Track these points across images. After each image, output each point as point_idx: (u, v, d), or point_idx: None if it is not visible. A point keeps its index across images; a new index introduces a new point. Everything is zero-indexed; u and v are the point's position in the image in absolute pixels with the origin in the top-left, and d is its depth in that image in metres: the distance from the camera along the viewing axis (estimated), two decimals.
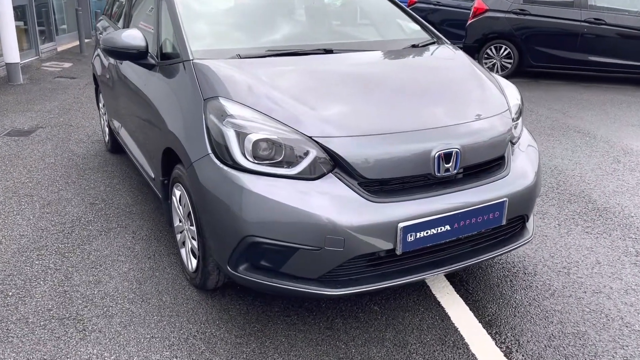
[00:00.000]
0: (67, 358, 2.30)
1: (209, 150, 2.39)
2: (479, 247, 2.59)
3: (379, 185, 2.33)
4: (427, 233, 2.32)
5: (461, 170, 2.50)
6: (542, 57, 9.01)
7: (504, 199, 2.48)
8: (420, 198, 2.33)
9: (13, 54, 8.31)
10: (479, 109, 2.66)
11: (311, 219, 2.18)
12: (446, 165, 2.38)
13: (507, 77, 9.52)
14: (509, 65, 9.25)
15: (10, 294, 2.76)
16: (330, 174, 2.28)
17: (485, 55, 9.42)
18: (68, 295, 2.74)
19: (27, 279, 2.89)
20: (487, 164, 2.57)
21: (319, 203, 2.21)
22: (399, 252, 2.29)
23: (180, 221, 2.88)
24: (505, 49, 9.22)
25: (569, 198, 4.11)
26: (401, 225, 2.24)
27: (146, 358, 2.31)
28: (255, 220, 2.24)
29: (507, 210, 2.51)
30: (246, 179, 2.26)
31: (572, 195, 4.18)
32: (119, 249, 3.23)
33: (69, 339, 2.42)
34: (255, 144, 2.29)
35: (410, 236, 2.29)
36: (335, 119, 2.36)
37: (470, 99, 2.74)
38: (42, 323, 2.53)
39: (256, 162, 2.28)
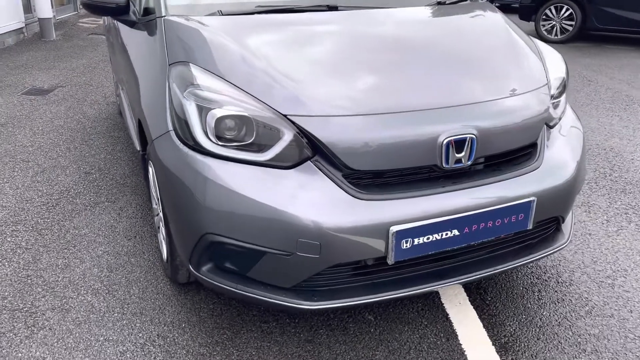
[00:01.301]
0: (5, 359, 2.03)
1: (170, 127, 2.00)
2: (497, 255, 2.11)
3: (369, 178, 1.88)
4: (427, 239, 1.87)
5: (481, 160, 2.01)
6: (609, 19, 8.05)
7: (531, 198, 1.98)
8: (421, 195, 1.87)
9: (45, 9, 8.13)
10: (508, 83, 2.14)
11: (280, 217, 1.77)
12: (457, 155, 1.90)
13: (567, 41, 8.62)
14: (570, 28, 8.36)
15: None
16: (309, 162, 1.85)
17: (544, 17, 8.54)
18: (29, 281, 2.47)
19: None
20: (512, 153, 2.06)
21: (290, 198, 1.79)
22: (390, 261, 1.86)
23: (155, 203, 2.53)
24: (567, 9, 8.31)
25: (624, 188, 3.51)
26: (394, 229, 1.80)
27: None
28: (215, 216, 1.85)
29: (534, 212, 2.01)
30: (206, 165, 1.86)
31: (627, 184, 3.57)
32: (100, 227, 2.93)
33: (14, 335, 2.14)
34: (219, 121, 1.88)
35: (406, 242, 1.84)
36: (319, 94, 1.90)
37: (499, 70, 2.21)
38: None
39: (220, 144, 1.87)
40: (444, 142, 1.87)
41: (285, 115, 1.85)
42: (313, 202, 1.79)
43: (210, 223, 1.87)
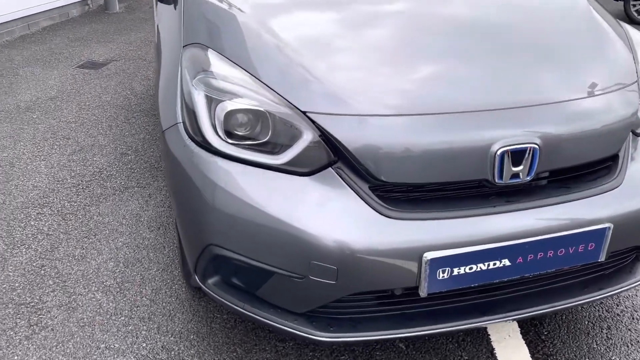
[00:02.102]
0: None
1: (179, 119, 1.75)
2: (557, 288, 1.75)
3: (401, 192, 1.56)
4: (469, 269, 1.54)
5: (545, 175, 1.65)
6: None
7: (607, 225, 1.60)
8: (465, 216, 1.54)
9: None
10: (587, 79, 1.74)
11: (291, 234, 1.49)
12: (514, 169, 1.54)
13: None
14: None
15: None
16: (330, 169, 1.55)
17: None
18: (42, 272, 2.33)
19: (12, 245, 2.52)
20: (585, 167, 1.68)
21: (304, 211, 1.51)
22: (423, 293, 1.55)
23: None
24: None
25: None
26: (428, 256, 1.48)
27: None
28: (220, 226, 1.60)
29: (609, 242, 1.63)
30: (213, 166, 1.60)
31: None
32: (125, 215, 2.77)
33: (14, 334, 2.00)
34: (230, 115, 1.61)
35: (442, 272, 1.52)
36: (346, 88, 1.59)
37: (576, 62, 1.81)
38: None
39: (230, 142, 1.61)
40: (498, 152, 1.52)
41: (304, 112, 1.55)
42: (331, 217, 1.50)
43: (215, 233, 1.62)
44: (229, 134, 1.61)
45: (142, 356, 1.91)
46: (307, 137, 1.55)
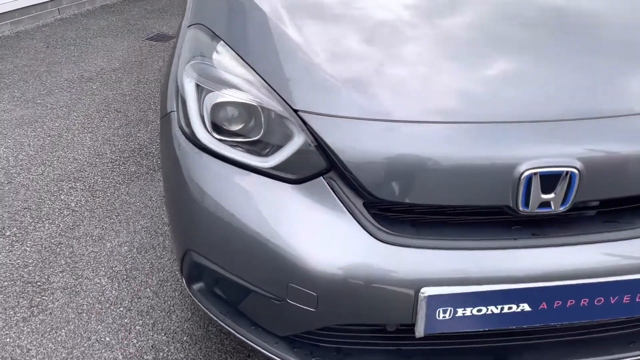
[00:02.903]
0: None
1: (173, 107, 1.60)
2: (596, 339, 1.44)
3: (402, 213, 1.32)
4: (478, 311, 1.28)
5: (595, 204, 1.34)
6: None
7: None
8: (477, 248, 1.27)
9: None
10: None
11: (269, 250, 1.30)
12: (544, 197, 1.25)
13: None
14: None
15: (8, 233, 2.41)
16: (321, 178, 1.34)
17: None
18: (57, 250, 2.30)
19: (37, 218, 2.52)
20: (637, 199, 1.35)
21: (285, 225, 1.31)
22: (419, 333, 1.31)
23: None
24: None
25: None
26: (426, 292, 1.24)
27: None
28: (197, 231, 1.44)
29: None
30: (197, 163, 1.44)
31: None
32: (151, 197, 2.70)
33: (13, 314, 1.97)
34: (219, 108, 1.43)
35: (443, 312, 1.28)
36: (347, 87, 1.36)
37: None
38: (5, 284, 2.12)
39: (217, 137, 1.43)
40: (524, 174, 1.23)
41: (296, 111, 1.34)
42: (314, 235, 1.29)
43: (193, 238, 1.46)
44: (219, 129, 1.43)
45: (129, 354, 1.81)
46: (299, 139, 1.34)
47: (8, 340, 1.86)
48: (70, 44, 4.99)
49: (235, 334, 1.49)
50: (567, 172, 1.23)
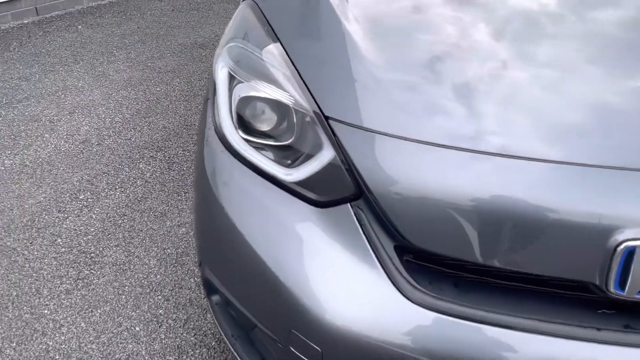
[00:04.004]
0: (29, 309, 1.84)
1: (210, 94, 1.40)
2: None
3: (444, 267, 1.01)
4: None
5: None
6: None
7: None
8: (542, 332, 0.93)
9: None
10: None
11: (273, 284, 1.07)
12: None
13: None
14: None
15: (81, 197, 2.42)
16: (348, 205, 1.06)
17: None
18: (118, 222, 2.26)
19: (111, 185, 2.51)
20: None
21: (294, 259, 1.06)
22: None
23: None
24: None
25: None
26: None
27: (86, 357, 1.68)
28: (206, 243, 1.25)
29: None
30: (218, 164, 1.23)
31: None
32: None
33: (59, 284, 1.95)
34: (246, 102, 1.20)
35: None
36: (398, 100, 1.05)
37: None
38: (62, 250, 2.11)
39: (243, 136, 1.20)
40: (621, 247, 0.86)
41: (327, 118, 1.07)
42: (326, 277, 1.03)
43: (204, 250, 1.27)
44: (247, 128, 1.21)
45: (152, 351, 1.70)
46: (327, 152, 1.07)
47: (46, 312, 1.84)
48: (194, 9, 5.04)
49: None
50: None
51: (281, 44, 1.23)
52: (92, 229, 2.22)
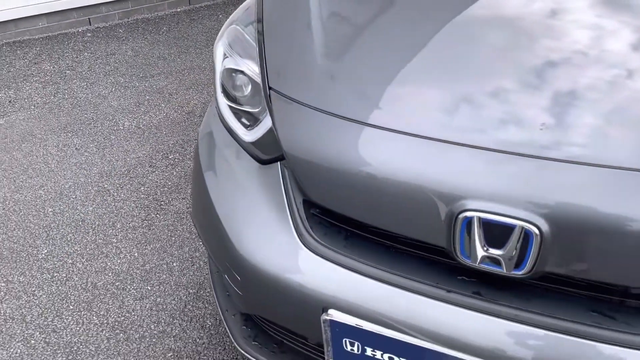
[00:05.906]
0: (103, 237, 2.28)
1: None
2: None
3: (340, 222, 1.16)
4: (388, 359, 1.07)
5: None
6: None
7: None
8: (400, 286, 1.05)
9: None
10: None
11: (218, 228, 1.30)
12: (493, 252, 0.95)
13: None
14: None
15: (170, 157, 2.85)
16: (278, 163, 1.26)
17: None
18: (174, 196, 2.65)
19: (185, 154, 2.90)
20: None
21: (234, 205, 1.29)
22: (328, 358, 1.16)
23: None
24: None
25: None
26: (330, 315, 1.09)
27: None
28: (193, 202, 1.53)
29: None
30: (209, 144, 1.50)
31: None
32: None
33: (130, 220, 2.37)
34: (228, 74, 1.44)
35: (351, 345, 1.11)
36: (335, 77, 1.21)
37: None
38: (142, 195, 2.54)
39: (228, 102, 1.45)
40: (462, 215, 0.95)
41: (270, 88, 1.27)
42: (249, 221, 1.24)
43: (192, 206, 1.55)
44: (228, 94, 1.44)
45: (180, 283, 2.03)
46: (269, 120, 1.27)
47: (114, 240, 2.27)
48: None
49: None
50: (520, 227, 0.91)
51: (262, 24, 1.44)
52: (169, 183, 2.63)
